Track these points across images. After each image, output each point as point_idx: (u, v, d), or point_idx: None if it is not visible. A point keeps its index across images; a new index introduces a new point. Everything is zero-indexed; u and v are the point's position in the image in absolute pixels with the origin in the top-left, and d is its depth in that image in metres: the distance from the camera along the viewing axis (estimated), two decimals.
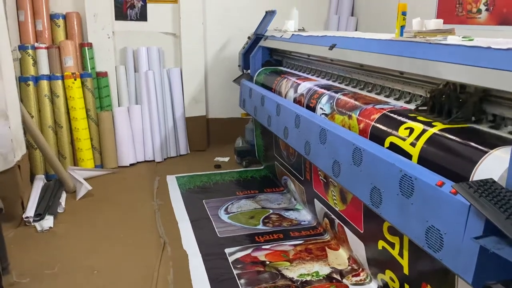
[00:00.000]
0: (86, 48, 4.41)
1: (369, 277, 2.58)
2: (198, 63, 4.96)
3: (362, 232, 2.48)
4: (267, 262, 2.79)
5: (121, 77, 4.68)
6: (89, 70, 4.41)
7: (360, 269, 2.66)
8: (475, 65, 1.75)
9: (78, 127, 4.29)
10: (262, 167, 4.54)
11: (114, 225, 3.33)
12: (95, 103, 4.44)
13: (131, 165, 4.66)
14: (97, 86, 4.49)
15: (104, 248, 3.00)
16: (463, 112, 1.90)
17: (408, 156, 1.87)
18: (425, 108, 2.11)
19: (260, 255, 2.87)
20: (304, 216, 3.43)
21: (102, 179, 4.27)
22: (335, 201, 2.77)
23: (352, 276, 2.63)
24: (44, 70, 4.22)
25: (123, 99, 4.69)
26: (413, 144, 1.87)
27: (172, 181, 4.19)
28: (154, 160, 4.79)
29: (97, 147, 4.51)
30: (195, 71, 4.96)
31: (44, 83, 4.15)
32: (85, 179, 3.94)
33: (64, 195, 3.77)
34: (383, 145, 2.04)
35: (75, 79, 4.23)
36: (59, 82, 4.20)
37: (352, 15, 5.19)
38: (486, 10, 3.33)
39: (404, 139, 1.93)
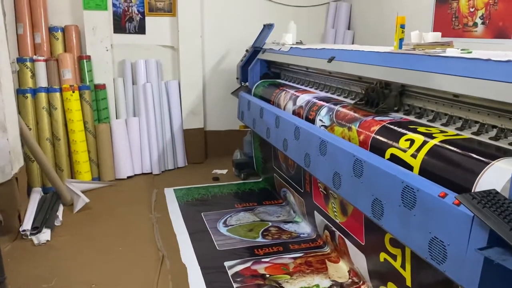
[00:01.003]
0: (85, 60, 4.42)
1: None
2: (196, 76, 4.98)
3: (363, 244, 2.47)
4: (267, 275, 2.77)
5: (119, 90, 4.68)
6: (87, 83, 4.41)
7: (361, 282, 2.64)
8: (475, 77, 1.77)
9: (75, 139, 4.28)
10: (260, 180, 4.53)
11: (111, 238, 3.30)
12: (93, 115, 4.43)
13: (129, 177, 4.64)
14: (95, 99, 4.48)
15: (101, 262, 2.96)
16: (386, 103, 2.37)
17: (409, 167, 1.87)
18: (362, 102, 2.54)
19: (260, 268, 2.85)
20: (303, 228, 3.42)
21: (99, 192, 4.24)
22: (335, 213, 2.76)
23: None
24: (42, 82, 4.22)
25: (121, 112, 4.69)
26: (414, 156, 1.87)
27: (170, 194, 4.17)
28: (151, 173, 4.77)
29: (94, 159, 4.49)
30: (193, 83, 4.98)
31: (42, 96, 4.14)
32: (83, 192, 3.91)
33: (61, 208, 3.74)
34: (383, 156, 2.04)
35: (73, 92, 4.23)
36: (57, 94, 4.20)
37: (348, 29, 5.24)
38: (482, 23, 3.37)
39: (405, 151, 1.93)
